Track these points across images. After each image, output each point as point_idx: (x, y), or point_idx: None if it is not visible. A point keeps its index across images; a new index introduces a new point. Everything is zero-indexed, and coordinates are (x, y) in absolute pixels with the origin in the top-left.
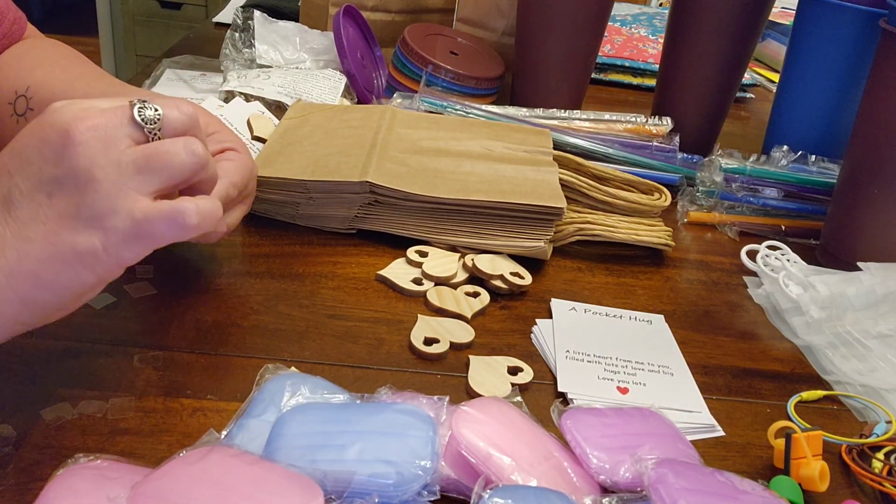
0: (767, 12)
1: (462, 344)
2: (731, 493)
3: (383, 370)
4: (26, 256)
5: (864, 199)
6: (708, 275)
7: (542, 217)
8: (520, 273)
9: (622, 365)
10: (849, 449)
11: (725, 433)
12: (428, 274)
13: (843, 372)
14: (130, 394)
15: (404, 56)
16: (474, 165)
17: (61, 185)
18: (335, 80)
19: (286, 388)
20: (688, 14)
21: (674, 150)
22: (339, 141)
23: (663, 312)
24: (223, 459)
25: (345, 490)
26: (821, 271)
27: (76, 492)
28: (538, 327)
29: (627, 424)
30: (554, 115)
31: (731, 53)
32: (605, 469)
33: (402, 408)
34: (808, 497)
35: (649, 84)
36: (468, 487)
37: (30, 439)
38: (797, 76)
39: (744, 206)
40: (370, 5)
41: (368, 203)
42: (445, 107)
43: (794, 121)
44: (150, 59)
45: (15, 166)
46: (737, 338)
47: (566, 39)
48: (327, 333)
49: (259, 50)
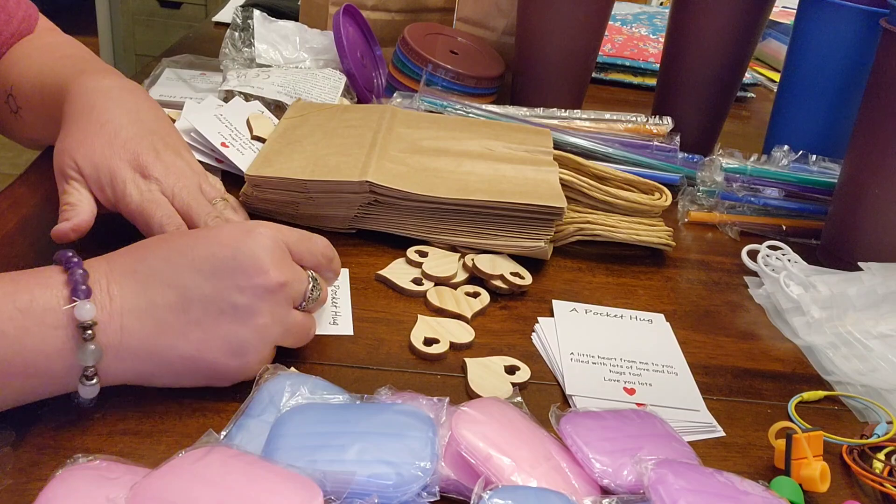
0: (768, 12)
1: (462, 344)
2: (732, 494)
3: (383, 370)
4: (174, 349)
5: (865, 198)
6: (708, 275)
7: (543, 217)
8: (520, 273)
9: (627, 365)
10: (849, 449)
11: (726, 433)
12: (428, 274)
13: (844, 372)
14: (129, 394)
15: (404, 55)
16: (474, 165)
17: (235, 310)
18: (335, 80)
19: (286, 388)
20: (689, 13)
21: (674, 150)
22: (338, 140)
23: (664, 312)
24: (222, 460)
25: (344, 491)
26: (822, 271)
27: (75, 492)
28: (540, 326)
29: (626, 427)
30: (554, 115)
31: (732, 53)
32: (608, 472)
33: (401, 408)
34: (808, 498)
35: (650, 83)
36: (468, 488)
37: (29, 439)
38: (798, 76)
39: (744, 206)
40: (370, 5)
41: (368, 203)
42: (445, 106)
43: (794, 120)
44: (149, 58)
45: (207, 270)
46: (737, 338)
47: (566, 39)
48: (326, 335)
49: (259, 49)
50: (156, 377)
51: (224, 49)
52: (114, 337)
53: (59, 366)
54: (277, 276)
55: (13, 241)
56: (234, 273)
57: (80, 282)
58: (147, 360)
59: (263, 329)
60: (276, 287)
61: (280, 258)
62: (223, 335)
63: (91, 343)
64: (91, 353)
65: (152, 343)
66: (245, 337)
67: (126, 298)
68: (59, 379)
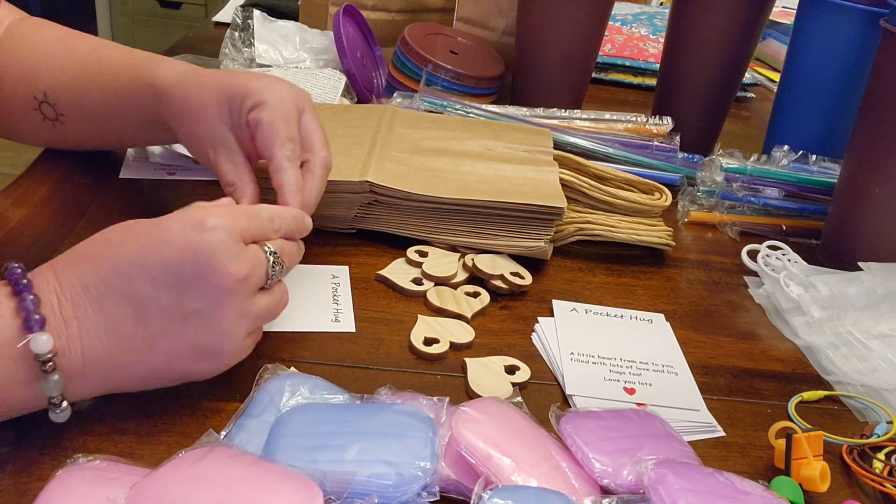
0: (768, 12)
1: (462, 344)
2: (732, 494)
3: (383, 370)
4: (142, 363)
5: (865, 198)
6: (708, 275)
7: (543, 217)
8: (520, 273)
9: (627, 365)
10: (849, 449)
11: (726, 433)
12: (428, 274)
13: (844, 372)
14: (130, 394)
15: (404, 55)
16: (474, 165)
17: (199, 315)
18: (335, 80)
19: (286, 388)
20: (689, 13)
21: (674, 150)
22: (338, 140)
23: (664, 312)
24: (222, 460)
25: (344, 491)
26: (822, 271)
27: (75, 492)
28: (540, 326)
29: (626, 427)
30: (554, 115)
31: (732, 53)
32: (609, 473)
33: (401, 408)
34: (808, 497)
35: (650, 83)
36: (468, 488)
37: (29, 439)
38: (798, 76)
39: (744, 206)
40: (370, 5)
41: (368, 203)
42: (445, 106)
43: (794, 120)
44: None
45: (163, 278)
46: (737, 338)
47: (566, 39)
48: (327, 333)
49: (259, 49)
50: (129, 387)
51: (224, 49)
52: (76, 361)
53: (25, 394)
54: (236, 272)
55: (14, 241)
56: (192, 279)
57: (32, 310)
58: (115, 377)
59: (230, 327)
60: (236, 285)
61: (237, 251)
62: (190, 342)
63: (54, 374)
64: (55, 383)
65: (118, 360)
66: (213, 340)
67: (82, 321)
68: (27, 404)
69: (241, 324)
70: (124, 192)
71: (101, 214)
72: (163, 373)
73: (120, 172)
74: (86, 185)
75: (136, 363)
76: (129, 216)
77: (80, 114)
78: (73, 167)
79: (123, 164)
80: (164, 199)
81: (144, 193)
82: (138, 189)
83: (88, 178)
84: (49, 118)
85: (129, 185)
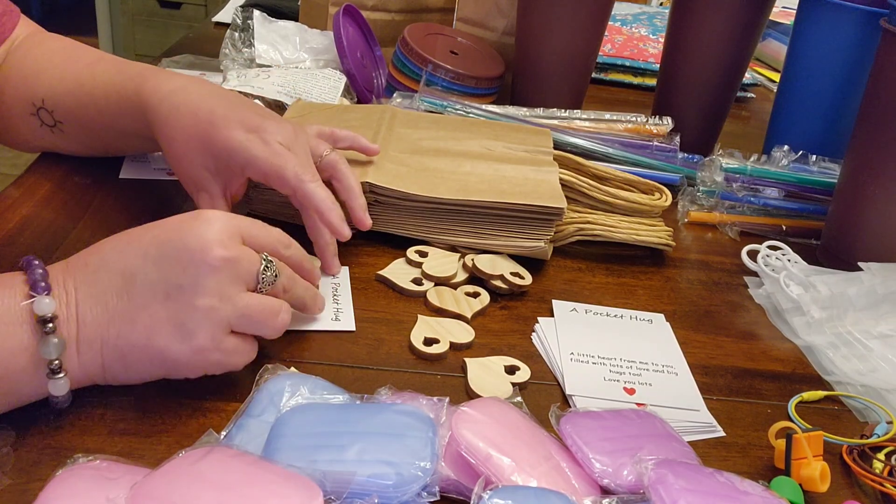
0: (768, 12)
1: (462, 344)
2: (732, 494)
3: (383, 370)
4: (123, 337)
5: (865, 198)
6: (708, 275)
7: (543, 217)
8: (520, 273)
9: (627, 365)
10: (849, 449)
11: (726, 433)
12: (428, 274)
13: (844, 372)
14: (129, 394)
15: (404, 56)
16: (474, 165)
17: (180, 291)
18: (335, 80)
19: (286, 388)
20: (688, 14)
21: (674, 150)
22: None
23: (664, 312)
24: (222, 460)
25: (344, 491)
26: (822, 271)
27: (75, 492)
28: (540, 326)
29: (626, 427)
30: (554, 115)
31: (732, 53)
32: (609, 473)
33: (401, 408)
34: (808, 497)
35: (650, 84)
36: (468, 488)
37: (29, 439)
38: (798, 76)
39: (744, 206)
40: (370, 5)
41: (368, 203)
42: (445, 106)
43: (794, 120)
44: (149, 58)
45: (154, 253)
46: (737, 338)
47: (566, 39)
48: (327, 333)
49: (259, 49)
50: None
51: (224, 49)
52: (72, 328)
53: (25, 361)
54: (221, 251)
55: (13, 241)
56: (179, 253)
57: (39, 279)
58: (101, 352)
59: (210, 309)
60: (219, 263)
61: (228, 238)
62: (169, 317)
63: (53, 336)
64: (54, 345)
65: (104, 332)
66: (190, 317)
67: (79, 290)
68: (27, 375)
69: (220, 308)
70: (124, 192)
71: (102, 214)
72: (143, 353)
73: (120, 172)
74: (86, 185)
75: (119, 337)
76: (129, 216)
77: (78, 123)
78: (73, 167)
79: (123, 164)
80: (164, 199)
81: (144, 193)
82: (138, 189)
83: (89, 178)
84: (47, 124)
85: (130, 185)
